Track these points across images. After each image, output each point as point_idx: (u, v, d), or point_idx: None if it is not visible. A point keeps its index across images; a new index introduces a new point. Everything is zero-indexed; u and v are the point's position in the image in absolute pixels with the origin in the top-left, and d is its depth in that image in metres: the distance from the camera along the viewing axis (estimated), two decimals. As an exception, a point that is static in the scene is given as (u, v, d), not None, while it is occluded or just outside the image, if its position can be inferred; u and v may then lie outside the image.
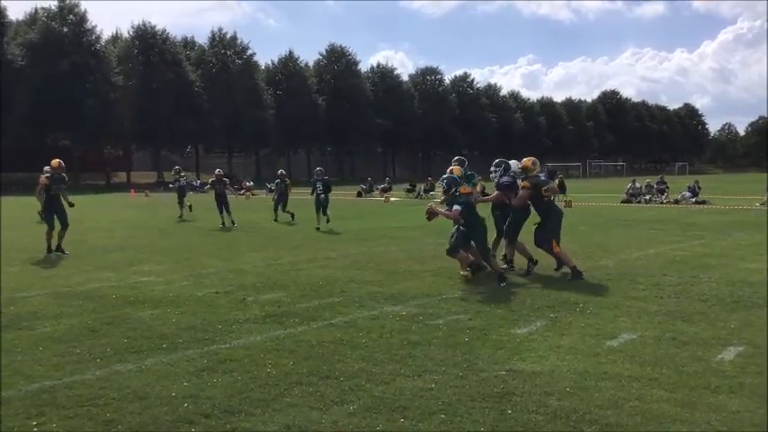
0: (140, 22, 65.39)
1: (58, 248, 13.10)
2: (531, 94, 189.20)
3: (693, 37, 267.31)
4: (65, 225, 13.18)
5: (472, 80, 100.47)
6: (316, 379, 5.24)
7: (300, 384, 5.12)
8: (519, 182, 10.18)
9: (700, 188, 30.24)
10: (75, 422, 4.47)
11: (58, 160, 13.61)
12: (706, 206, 26.54)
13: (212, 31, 72.54)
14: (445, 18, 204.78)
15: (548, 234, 9.82)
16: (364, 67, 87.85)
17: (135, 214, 25.01)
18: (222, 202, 19.37)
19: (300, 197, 25.21)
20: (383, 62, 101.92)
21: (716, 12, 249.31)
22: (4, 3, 69.03)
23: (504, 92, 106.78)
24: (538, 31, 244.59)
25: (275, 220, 20.59)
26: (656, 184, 31.01)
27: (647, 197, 29.78)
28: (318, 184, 18.37)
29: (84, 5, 60.68)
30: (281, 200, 21.24)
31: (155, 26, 65.39)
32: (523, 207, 10.21)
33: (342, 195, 38.56)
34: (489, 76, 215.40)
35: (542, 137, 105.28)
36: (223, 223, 18.92)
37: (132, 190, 48.17)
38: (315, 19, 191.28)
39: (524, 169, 10.09)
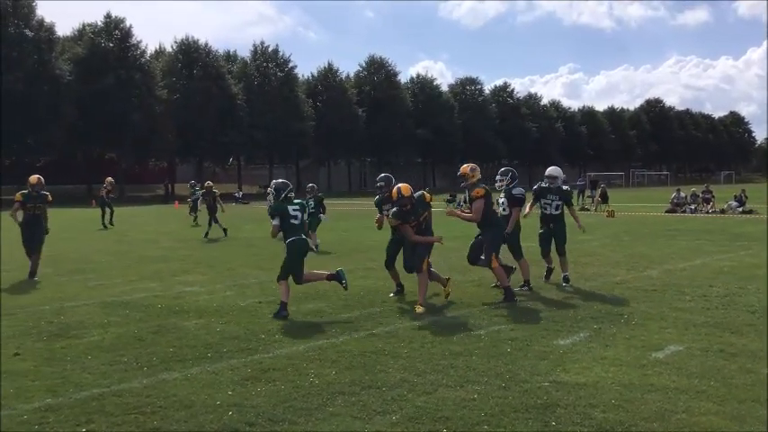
0: (184, 37, 66.62)
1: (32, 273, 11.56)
2: (573, 104, 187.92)
3: (738, 44, 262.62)
4: (37, 248, 11.73)
5: (512, 90, 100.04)
6: (358, 389, 5.26)
7: (343, 394, 5.15)
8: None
9: (746, 197, 29.58)
10: (122, 429, 4.56)
11: (36, 176, 11.89)
12: (753, 216, 25.95)
13: (254, 45, 73.53)
14: (484, 28, 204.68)
15: (487, 248, 9.11)
16: (404, 77, 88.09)
17: (178, 225, 25.38)
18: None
19: (340, 208, 25.33)
20: (422, 73, 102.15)
21: (761, 18, 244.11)
22: (52, 19, 71.00)
23: (544, 101, 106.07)
24: (579, 39, 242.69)
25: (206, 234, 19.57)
26: (702, 193, 30.41)
27: (693, 207, 29.22)
28: (311, 202, 16.82)
29: (129, 21, 62.03)
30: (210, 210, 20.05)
31: (197, 40, 66.54)
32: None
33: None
34: (530, 85, 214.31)
35: (584, 146, 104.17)
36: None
37: (176, 201, 48.96)
38: (354, 31, 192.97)
39: (463, 176, 9.29)
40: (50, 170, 61.39)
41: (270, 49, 72.48)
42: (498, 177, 10.14)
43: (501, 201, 10.15)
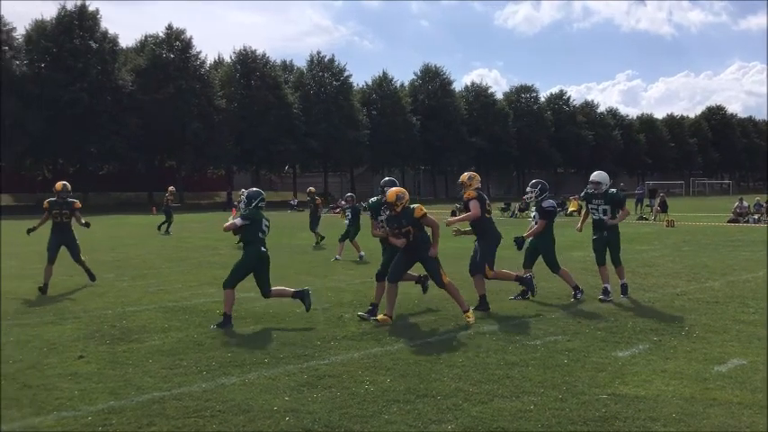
0: (242, 47, 67.81)
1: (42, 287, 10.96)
2: (630, 111, 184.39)
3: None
4: (75, 256, 11.63)
5: (568, 97, 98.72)
6: (413, 397, 5.27)
7: (398, 402, 5.16)
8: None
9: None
10: (183, 432, 4.67)
11: (61, 182, 11.69)
12: (822, 226, 25.02)
13: (311, 55, 74.43)
14: (540, 35, 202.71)
15: (481, 257, 9.07)
16: (458, 86, 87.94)
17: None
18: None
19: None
20: (477, 81, 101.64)
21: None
22: (116, 31, 73.25)
23: (601, 108, 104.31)
24: (637, 46, 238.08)
25: (318, 242, 19.47)
26: (766, 202, 29.49)
27: (756, 216, 28.35)
28: (347, 212, 16.69)
29: (189, 32, 63.47)
30: (313, 219, 20.02)
31: (255, 51, 67.65)
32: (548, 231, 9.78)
33: (436, 215, 38.57)
34: (586, 92, 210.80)
35: (642, 154, 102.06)
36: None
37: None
38: (409, 40, 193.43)
39: (461, 184, 9.42)
40: (113, 178, 63.51)
41: (326, 59, 73.22)
42: (528, 189, 10.11)
43: (533, 214, 10.13)
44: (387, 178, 9.14)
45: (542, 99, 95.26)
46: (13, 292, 10.82)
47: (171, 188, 26.75)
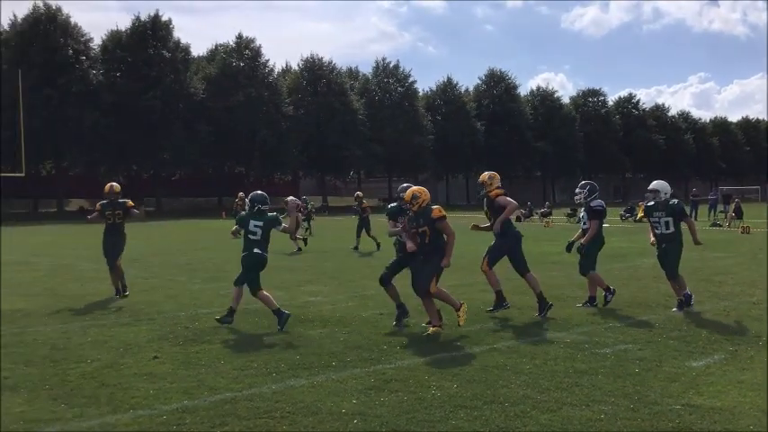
0: (309, 55, 68.80)
1: (120, 290, 11.14)
2: (703, 114, 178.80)
3: None
4: (116, 258, 11.20)
5: (637, 101, 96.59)
6: (480, 403, 5.25)
7: (465, 408, 5.15)
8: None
9: None
10: (254, 432, 4.77)
11: (109, 184, 11.58)
12: None
13: (376, 61, 75.04)
14: (608, 38, 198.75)
15: (489, 251, 9.22)
16: (524, 90, 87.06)
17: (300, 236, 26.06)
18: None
19: (458, 222, 25.21)
20: (543, 85, 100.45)
21: None
22: (188, 40, 75.23)
23: (672, 112, 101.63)
24: (710, 47, 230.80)
25: (356, 248, 19.57)
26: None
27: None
28: None
29: (259, 41, 64.82)
30: (364, 224, 20.06)
31: (322, 58, 68.54)
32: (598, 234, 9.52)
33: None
34: (656, 96, 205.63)
35: (716, 159, 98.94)
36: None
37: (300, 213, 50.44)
38: (473, 45, 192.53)
39: (482, 184, 9.27)
40: (184, 183, 65.26)
41: (391, 65, 73.63)
42: (577, 191, 9.91)
43: (582, 215, 9.92)
44: (404, 185, 8.93)
45: (610, 103, 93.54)
46: (93, 293, 11.22)
47: (240, 194, 27.36)
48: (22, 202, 53.26)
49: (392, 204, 8.78)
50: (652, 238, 9.50)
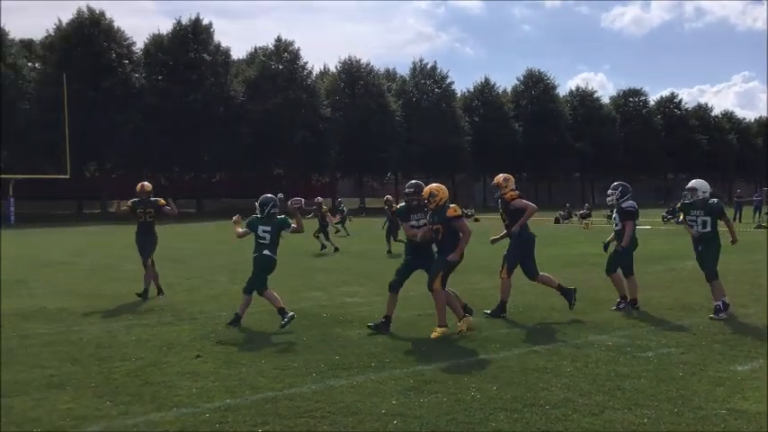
0: (347, 57, 69.08)
1: (156, 290, 11.26)
2: (748, 114, 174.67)
3: None
4: (148, 256, 11.33)
5: (680, 100, 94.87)
6: (520, 405, 5.22)
7: (505, 410, 5.12)
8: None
9: None
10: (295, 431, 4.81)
11: (141, 183, 11.70)
12: None
13: (413, 62, 74.97)
14: (649, 37, 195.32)
15: (506, 257, 9.20)
16: (562, 90, 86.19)
17: (337, 238, 26.21)
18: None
19: (496, 223, 25.01)
20: (582, 85, 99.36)
21: None
22: (228, 44, 76.00)
23: (715, 112, 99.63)
24: (754, 46, 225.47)
25: (389, 251, 19.29)
26: None
27: None
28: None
29: (297, 44, 65.29)
30: (394, 228, 19.76)
31: (359, 60, 68.74)
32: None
33: (539, 221, 37.93)
34: (698, 95, 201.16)
35: (760, 159, 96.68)
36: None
37: (337, 215, 50.68)
38: (511, 45, 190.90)
39: (497, 186, 9.31)
40: (224, 185, 66.02)
41: (428, 66, 73.52)
42: (609, 192, 9.79)
43: (614, 216, 9.80)
44: (414, 181, 8.70)
45: (652, 103, 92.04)
46: (134, 292, 11.42)
47: (280, 195, 27.61)
48: (66, 203, 54.47)
49: (401, 205, 8.67)
50: (691, 232, 9.24)
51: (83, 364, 6.69)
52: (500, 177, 9.38)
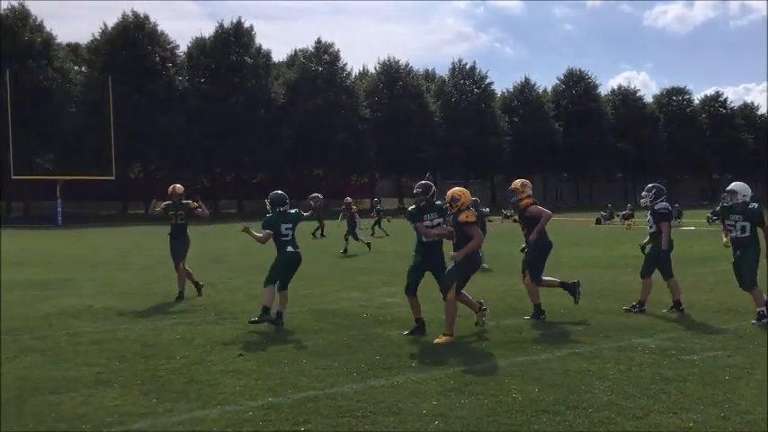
0: (386, 58, 69.19)
1: (196, 290, 11.26)
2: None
3: None
4: (180, 259, 11.29)
5: (725, 99, 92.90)
6: (563, 408, 5.18)
7: (547, 412, 5.09)
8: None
9: None
10: (336, 431, 4.84)
11: (172, 186, 11.66)
12: None
13: (452, 63, 74.76)
14: (693, 35, 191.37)
15: (528, 263, 9.12)
16: (604, 89, 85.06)
17: (376, 238, 26.31)
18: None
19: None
20: (624, 84, 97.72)
21: None
22: (269, 46, 76.62)
23: (762, 110, 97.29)
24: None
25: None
26: None
27: None
28: None
29: (337, 45, 65.65)
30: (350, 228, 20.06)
31: (398, 61, 68.81)
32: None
33: (580, 222, 37.52)
34: (744, 94, 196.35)
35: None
36: None
37: (373, 214, 50.75)
38: (552, 44, 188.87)
39: (513, 191, 9.21)
40: (265, 186, 66.59)
41: (467, 67, 73.26)
42: (644, 193, 9.69)
43: (648, 218, 9.64)
44: (424, 181, 8.50)
45: (696, 101, 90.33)
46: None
47: (316, 195, 27.86)
48: (111, 204, 55.57)
49: (411, 207, 8.50)
50: (725, 239, 9.07)
51: (129, 361, 6.83)
52: (518, 182, 9.33)
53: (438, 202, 8.24)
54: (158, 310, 9.96)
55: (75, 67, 55.77)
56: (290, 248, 8.95)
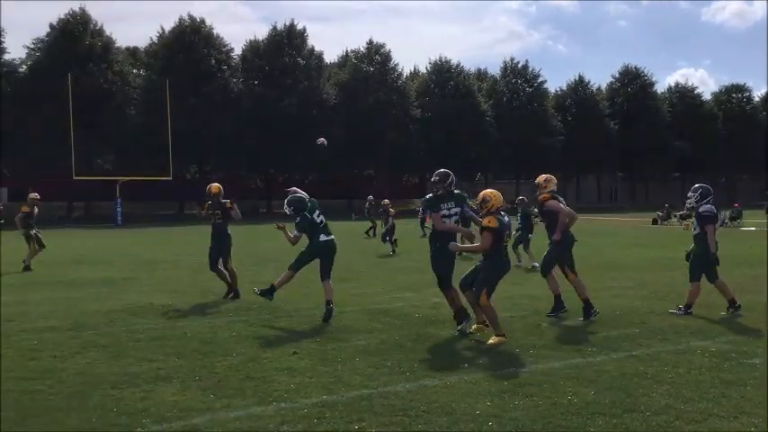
0: (437, 58, 69.04)
1: (232, 292, 11.22)
2: None
3: None
4: (225, 259, 11.31)
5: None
6: (619, 411, 5.11)
7: (604, 415, 5.03)
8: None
9: None
10: (390, 429, 4.86)
11: (209, 185, 11.66)
12: None
13: (504, 61, 74.21)
14: (753, 30, 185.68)
15: (546, 258, 9.20)
16: (660, 87, 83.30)
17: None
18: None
19: (590, 225, 24.55)
20: (681, 81, 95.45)
21: None
22: (321, 47, 77.51)
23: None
24: None
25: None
26: None
27: None
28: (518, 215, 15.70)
29: (388, 46, 65.82)
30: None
31: (450, 60, 68.59)
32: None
33: (636, 222, 36.83)
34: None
35: None
36: None
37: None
38: (606, 42, 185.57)
39: (537, 186, 9.26)
40: (317, 186, 67.20)
41: (519, 65, 72.61)
42: (689, 194, 9.50)
43: (692, 220, 9.47)
44: (440, 170, 8.34)
45: (756, 99, 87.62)
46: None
47: (369, 197, 28.08)
48: (169, 204, 56.82)
49: (429, 196, 8.40)
50: None
51: (187, 358, 6.98)
52: (541, 177, 9.34)
53: (456, 191, 8.23)
54: (214, 308, 10.15)
55: (134, 71, 57.18)
56: (322, 237, 9.31)
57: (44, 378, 6.21)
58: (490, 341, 7.50)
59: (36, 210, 16.65)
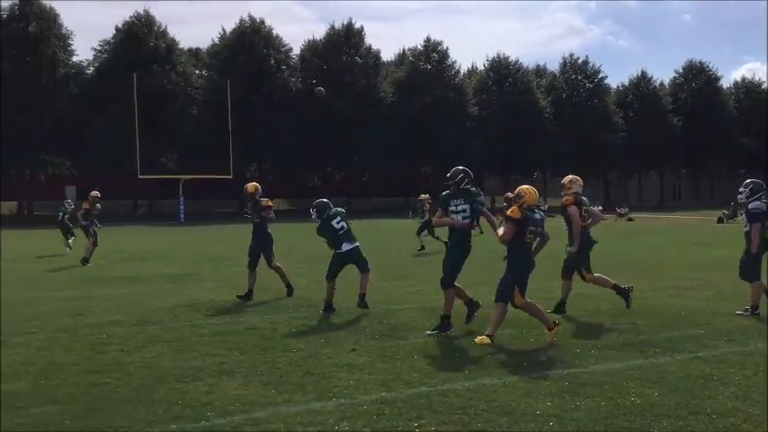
0: (495, 55, 68.45)
1: (291, 287, 11.24)
2: None
3: None
4: (267, 258, 11.26)
5: None
6: (685, 413, 5.00)
7: (668, 417, 4.93)
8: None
9: None
10: (449, 428, 4.86)
11: (247, 184, 11.52)
12: None
13: (563, 57, 73.05)
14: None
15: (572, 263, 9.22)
16: (726, 82, 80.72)
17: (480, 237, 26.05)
18: None
19: (651, 223, 24.00)
20: (748, 76, 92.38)
21: None
22: (378, 46, 77.54)
23: None
24: None
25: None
26: None
27: None
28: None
29: (446, 43, 65.53)
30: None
31: (508, 57, 67.91)
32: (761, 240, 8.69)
33: (701, 221, 35.86)
34: None
35: None
36: None
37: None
38: (669, 36, 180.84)
39: (563, 187, 9.17)
40: (373, 184, 67.57)
41: (579, 61, 71.40)
42: (741, 189, 9.25)
43: (742, 217, 9.23)
44: (458, 167, 8.38)
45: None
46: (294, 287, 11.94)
47: (424, 195, 28.01)
48: (229, 202, 57.85)
49: (445, 192, 8.33)
50: None
51: (249, 353, 7.12)
52: (567, 179, 9.32)
53: (470, 189, 8.18)
54: (273, 305, 10.32)
55: (196, 71, 58.37)
56: (345, 246, 9.65)
57: (111, 371, 6.42)
58: (547, 337, 7.43)
59: (98, 206, 17.76)
